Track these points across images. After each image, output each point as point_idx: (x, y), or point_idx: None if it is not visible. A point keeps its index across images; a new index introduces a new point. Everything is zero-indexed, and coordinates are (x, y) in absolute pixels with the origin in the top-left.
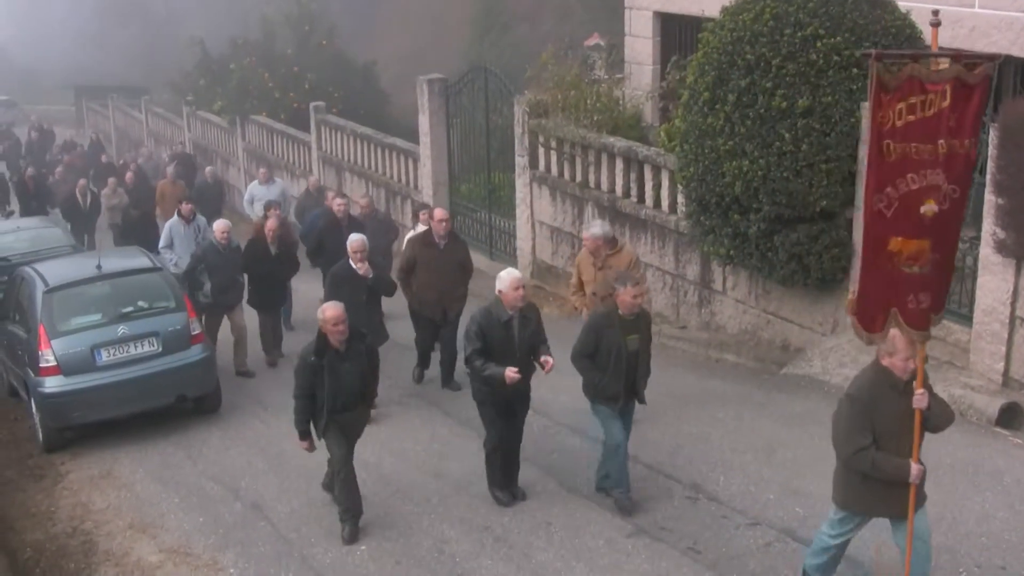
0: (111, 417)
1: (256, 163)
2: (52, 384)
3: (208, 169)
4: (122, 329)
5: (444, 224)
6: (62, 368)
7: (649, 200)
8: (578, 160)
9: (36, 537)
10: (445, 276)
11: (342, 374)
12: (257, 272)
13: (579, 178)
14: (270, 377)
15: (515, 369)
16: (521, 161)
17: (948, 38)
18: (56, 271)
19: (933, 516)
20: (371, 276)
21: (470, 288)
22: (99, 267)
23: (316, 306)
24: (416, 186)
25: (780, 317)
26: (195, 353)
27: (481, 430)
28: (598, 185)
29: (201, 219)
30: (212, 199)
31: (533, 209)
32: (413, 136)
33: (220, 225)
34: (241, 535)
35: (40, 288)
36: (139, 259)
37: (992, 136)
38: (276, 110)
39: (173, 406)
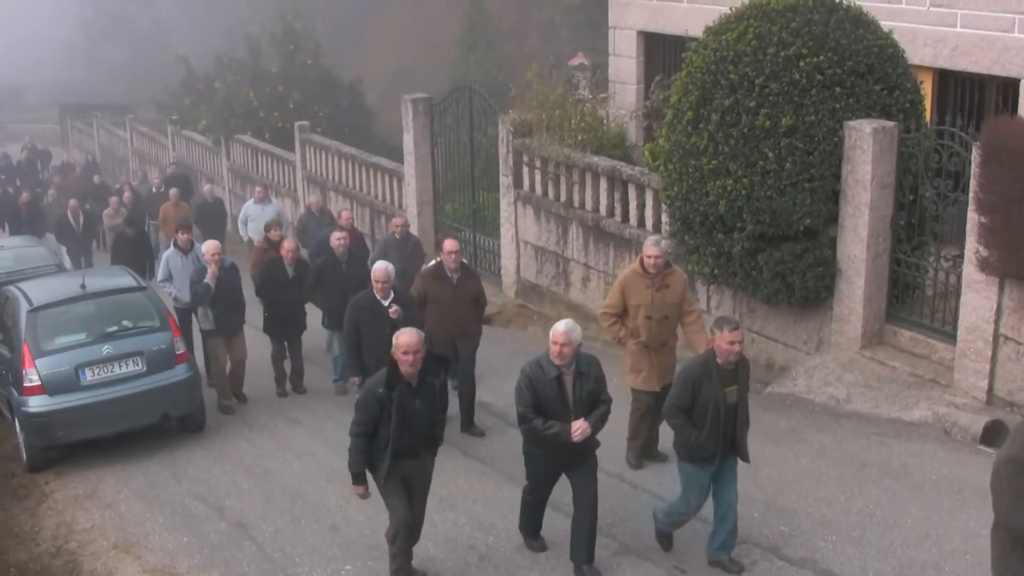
0: (95, 436)
1: (241, 182)
2: (36, 403)
3: (207, 187)
4: (107, 348)
5: (454, 256)
6: (46, 387)
7: (633, 219)
8: (562, 179)
9: (20, 557)
10: (458, 312)
11: (411, 412)
12: (274, 297)
13: (563, 197)
14: (256, 397)
15: (586, 423)
16: (505, 180)
17: (931, 57)
18: (40, 290)
19: (918, 534)
20: (399, 317)
21: None
22: (83, 286)
23: (318, 335)
24: (401, 205)
25: (764, 336)
26: (180, 372)
27: (468, 447)
28: (582, 204)
29: (199, 247)
30: (213, 218)
31: (518, 228)
32: (399, 155)
33: (209, 247)
34: (226, 555)
35: (24, 307)
36: (124, 278)
37: (975, 154)
38: (261, 129)
39: (158, 425)
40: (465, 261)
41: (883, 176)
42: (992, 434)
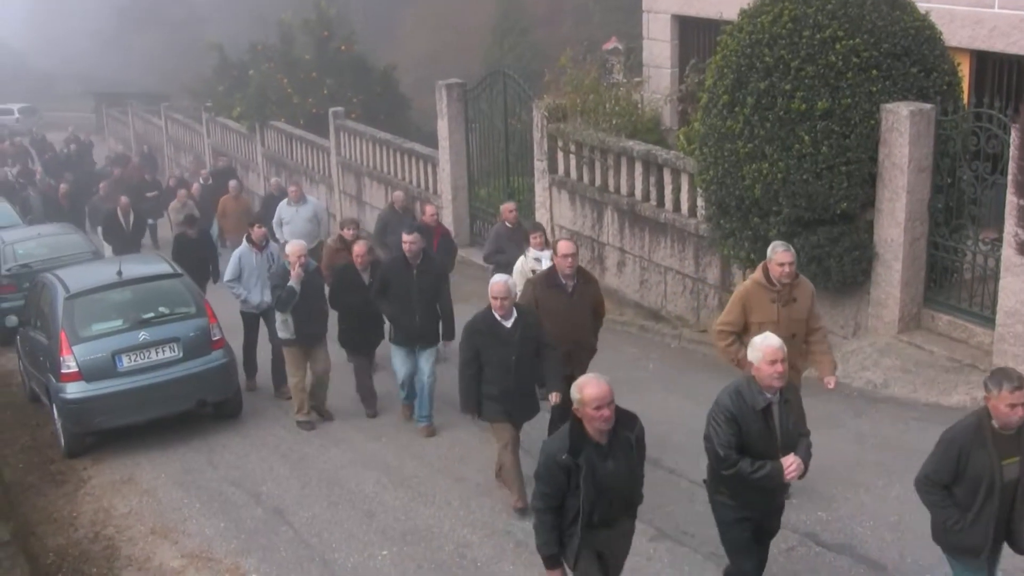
0: (132, 422)
1: (276, 168)
2: (74, 390)
3: (274, 180)
4: (143, 335)
5: (571, 260)
6: (83, 374)
7: (669, 204)
8: (597, 164)
9: (58, 542)
10: (575, 326)
11: (604, 476)
12: (349, 306)
13: (598, 182)
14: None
15: (798, 459)
16: (540, 165)
17: (968, 38)
18: (77, 277)
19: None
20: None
21: (471, 289)
22: (120, 273)
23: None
24: (435, 191)
25: None
26: (216, 358)
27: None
28: (617, 189)
29: (275, 246)
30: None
31: (552, 213)
32: (433, 141)
33: (294, 248)
34: (263, 540)
35: (61, 294)
36: (160, 265)
37: (1013, 136)
38: (295, 116)
39: (194, 411)
40: (582, 266)
41: (920, 159)
42: None
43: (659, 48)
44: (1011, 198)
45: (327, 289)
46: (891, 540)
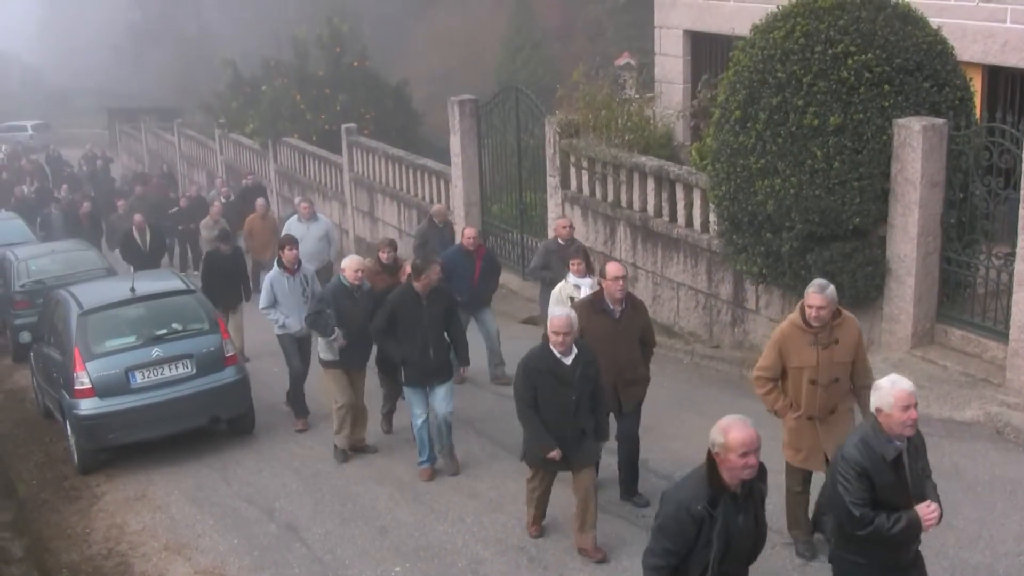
0: (145, 439)
1: (288, 184)
2: (87, 406)
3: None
4: (156, 351)
5: (621, 284)
6: (97, 390)
7: (681, 219)
8: (609, 179)
9: (72, 558)
10: (621, 353)
11: (736, 531)
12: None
13: (611, 197)
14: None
15: (935, 504)
16: (552, 181)
17: (980, 53)
18: (90, 294)
19: (970, 535)
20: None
21: (501, 308)
22: (133, 289)
23: None
24: (448, 207)
25: None
26: (229, 375)
27: (517, 449)
28: (630, 204)
29: (308, 268)
30: None
31: None
32: (445, 157)
33: (351, 263)
34: (276, 556)
35: (75, 311)
36: (173, 281)
37: None
38: (308, 132)
39: (207, 427)
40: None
41: (933, 174)
42: None
43: (671, 63)
44: None
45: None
46: None
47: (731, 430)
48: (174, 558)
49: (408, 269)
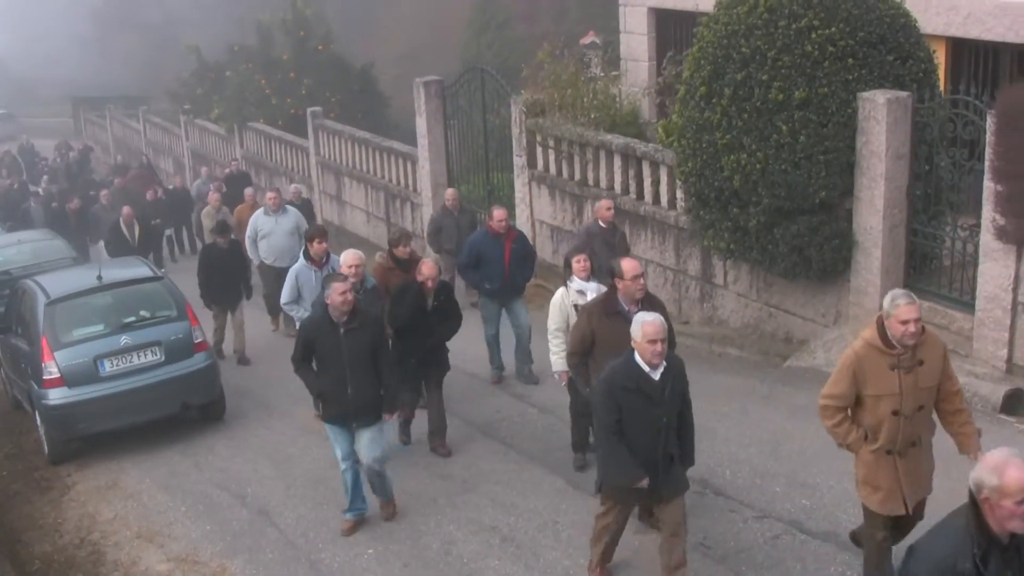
0: (116, 427)
1: (255, 169)
2: (56, 396)
3: (293, 187)
4: (125, 339)
5: (641, 283)
6: (66, 379)
7: (648, 196)
8: (576, 158)
9: (44, 549)
10: None
11: None
12: (410, 334)
13: (578, 176)
14: (275, 382)
15: None
16: (519, 161)
17: (943, 25)
18: (57, 283)
19: (940, 504)
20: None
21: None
22: (100, 278)
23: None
24: (415, 188)
25: (782, 310)
26: (198, 361)
27: (489, 429)
28: (597, 183)
29: (336, 259)
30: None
31: (533, 208)
32: (412, 138)
33: (349, 257)
34: (249, 542)
35: (42, 300)
36: (140, 268)
37: (990, 123)
38: (274, 116)
39: (178, 415)
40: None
41: (898, 146)
42: (1013, 403)
43: (636, 41)
44: (988, 184)
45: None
46: None
47: (1009, 469)
48: (146, 546)
49: (427, 270)
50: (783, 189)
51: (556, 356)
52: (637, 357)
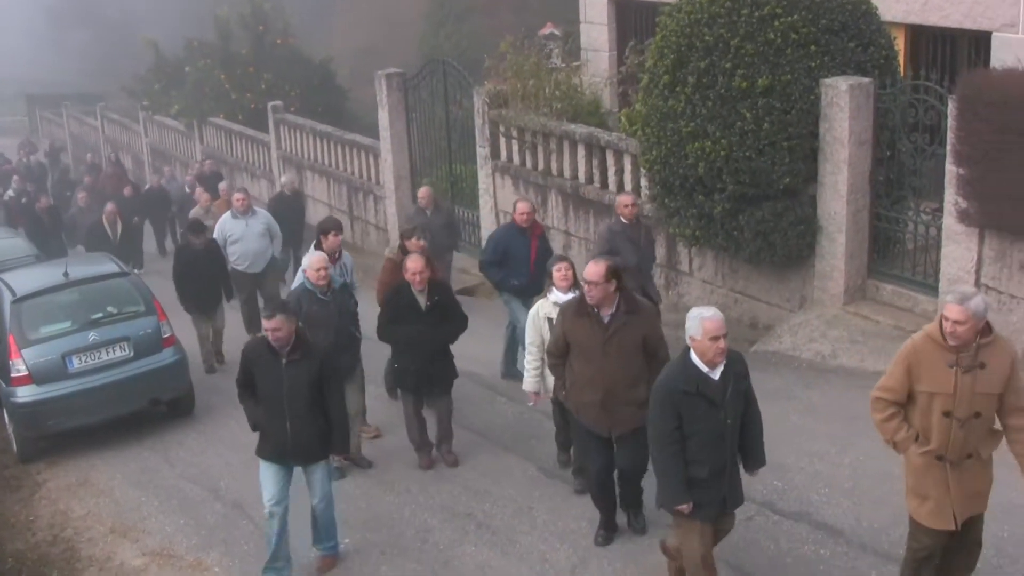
0: (86, 424)
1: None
2: (24, 393)
3: (285, 178)
4: (93, 335)
5: (590, 289)
6: (34, 377)
7: (612, 185)
8: (539, 148)
9: (16, 547)
10: (611, 369)
11: None
12: (403, 339)
13: (541, 166)
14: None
15: None
16: (482, 151)
17: (902, 12)
18: (23, 280)
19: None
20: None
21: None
22: (66, 274)
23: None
24: (378, 181)
25: (748, 295)
26: (167, 356)
27: (462, 419)
28: (560, 172)
29: (347, 257)
30: (291, 219)
31: (496, 199)
32: (373, 131)
33: (315, 260)
34: (224, 535)
35: (8, 298)
36: (107, 265)
37: (951, 107)
38: (234, 111)
39: (147, 410)
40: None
41: (860, 132)
42: None
43: (597, 31)
44: (950, 168)
45: (382, 315)
46: (847, 506)
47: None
48: (121, 541)
49: (413, 265)
50: (747, 176)
51: (527, 374)
52: (693, 356)
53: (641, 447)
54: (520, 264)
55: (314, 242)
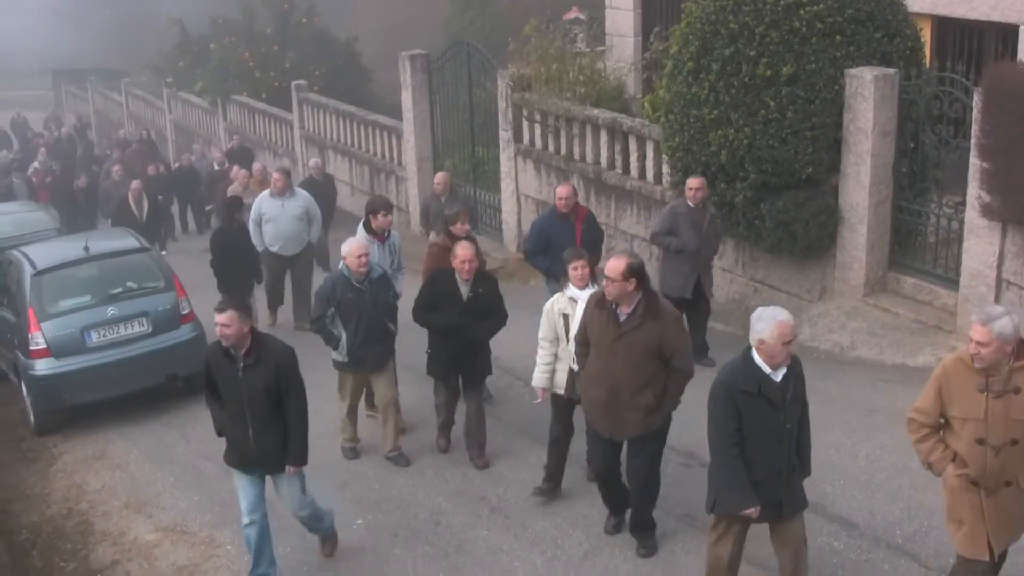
0: (102, 398)
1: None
2: (43, 366)
3: (313, 162)
4: (112, 310)
5: (612, 287)
6: (52, 350)
7: (634, 171)
8: (562, 133)
9: (32, 519)
10: (618, 369)
11: None
12: (438, 327)
13: (563, 150)
14: None
15: None
16: (505, 135)
17: (929, 4)
18: (44, 254)
19: (925, 477)
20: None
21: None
22: (87, 248)
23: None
24: (400, 162)
25: (767, 285)
26: (185, 332)
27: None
28: (583, 157)
29: (396, 236)
30: (323, 203)
31: (518, 182)
32: (396, 112)
33: (355, 246)
34: (237, 513)
35: (28, 271)
36: (127, 240)
37: (976, 100)
38: (257, 90)
39: (165, 385)
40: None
41: (884, 123)
42: None
43: (622, 17)
44: (974, 161)
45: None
46: (861, 498)
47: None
48: (135, 516)
49: (463, 253)
50: (770, 165)
51: (537, 369)
52: (756, 356)
53: (653, 450)
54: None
55: (362, 222)
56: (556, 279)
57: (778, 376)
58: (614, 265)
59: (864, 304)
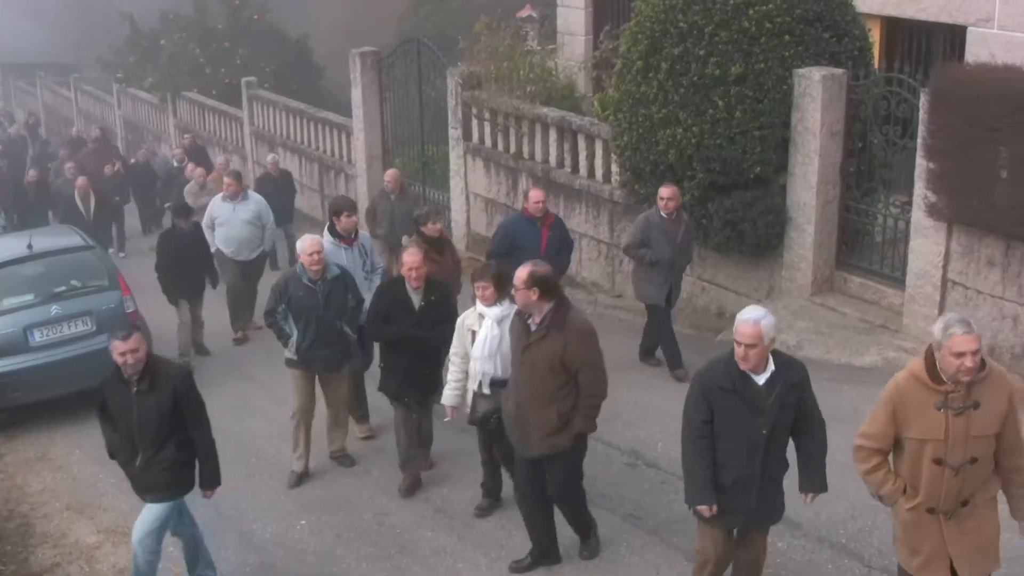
0: (46, 398)
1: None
2: None
3: (270, 157)
4: (55, 309)
5: (517, 294)
6: None
7: (583, 170)
8: (512, 131)
9: None
10: (523, 380)
11: None
12: (389, 338)
13: (513, 149)
14: (207, 356)
15: None
16: (455, 133)
17: (878, 4)
18: None
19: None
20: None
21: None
22: (30, 246)
23: None
24: (350, 160)
25: (715, 284)
26: None
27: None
28: (532, 156)
29: (365, 236)
30: (280, 199)
31: (467, 181)
32: (348, 110)
33: (308, 244)
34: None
35: None
36: (71, 237)
37: (923, 101)
38: (208, 86)
39: None
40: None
41: (832, 123)
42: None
43: (573, 15)
44: (921, 161)
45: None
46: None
47: None
48: (77, 517)
49: (409, 260)
50: (718, 164)
51: (447, 386)
52: (738, 357)
53: (564, 471)
54: (528, 256)
55: (327, 226)
56: None
57: (760, 379)
58: (518, 273)
59: (811, 303)
